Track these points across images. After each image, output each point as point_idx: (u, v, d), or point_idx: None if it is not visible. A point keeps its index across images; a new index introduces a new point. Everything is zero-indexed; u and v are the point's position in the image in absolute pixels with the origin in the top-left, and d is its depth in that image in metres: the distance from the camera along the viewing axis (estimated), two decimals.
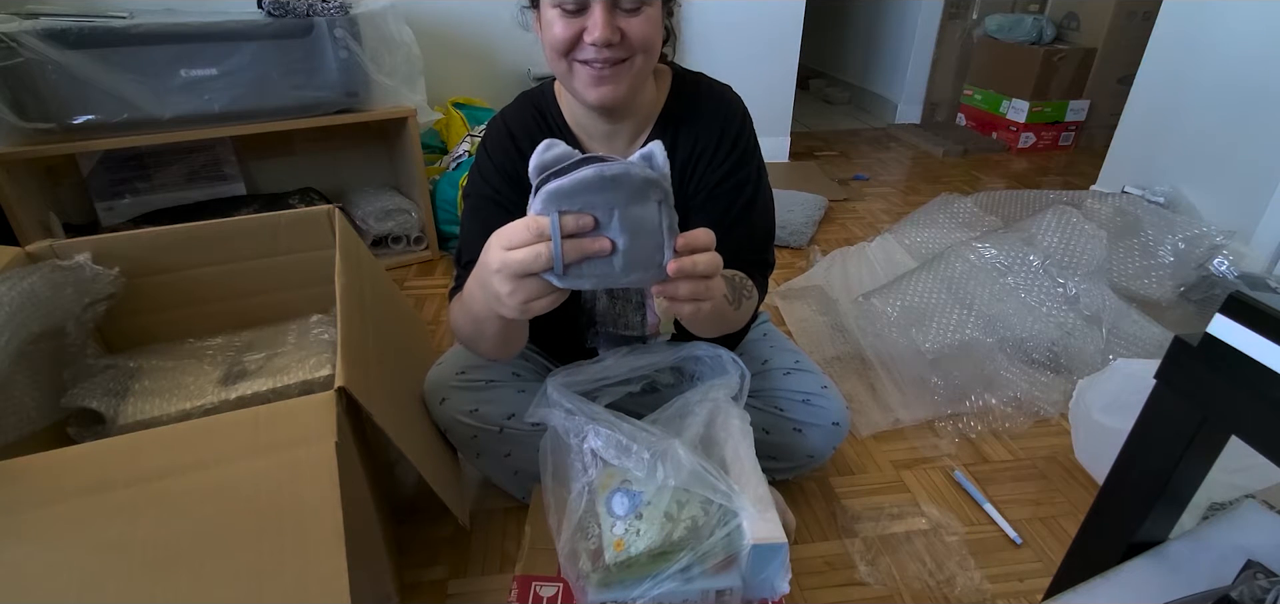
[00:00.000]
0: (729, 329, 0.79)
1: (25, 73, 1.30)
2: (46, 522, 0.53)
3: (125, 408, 0.87)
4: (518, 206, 0.76)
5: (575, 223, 0.52)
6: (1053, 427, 1.21)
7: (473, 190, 0.82)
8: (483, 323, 0.67)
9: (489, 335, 0.70)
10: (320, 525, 0.55)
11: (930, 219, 1.80)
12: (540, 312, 0.57)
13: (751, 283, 0.80)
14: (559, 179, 0.51)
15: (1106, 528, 0.59)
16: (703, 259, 0.56)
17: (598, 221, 0.52)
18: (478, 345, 0.75)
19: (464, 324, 0.73)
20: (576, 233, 0.52)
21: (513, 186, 0.78)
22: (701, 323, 0.70)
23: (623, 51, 0.69)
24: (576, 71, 0.71)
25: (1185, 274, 1.56)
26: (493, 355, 0.78)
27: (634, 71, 0.71)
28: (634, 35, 0.68)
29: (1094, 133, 2.98)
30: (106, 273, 0.92)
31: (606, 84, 0.70)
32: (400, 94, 1.65)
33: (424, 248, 1.82)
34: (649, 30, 0.69)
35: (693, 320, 0.69)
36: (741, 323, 0.82)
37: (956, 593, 0.89)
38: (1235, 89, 1.77)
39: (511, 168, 0.79)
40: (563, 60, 0.70)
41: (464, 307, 0.70)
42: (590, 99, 0.72)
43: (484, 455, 0.91)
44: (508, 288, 0.54)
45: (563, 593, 0.75)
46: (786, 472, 0.99)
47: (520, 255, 0.53)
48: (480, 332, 0.70)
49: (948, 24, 3.21)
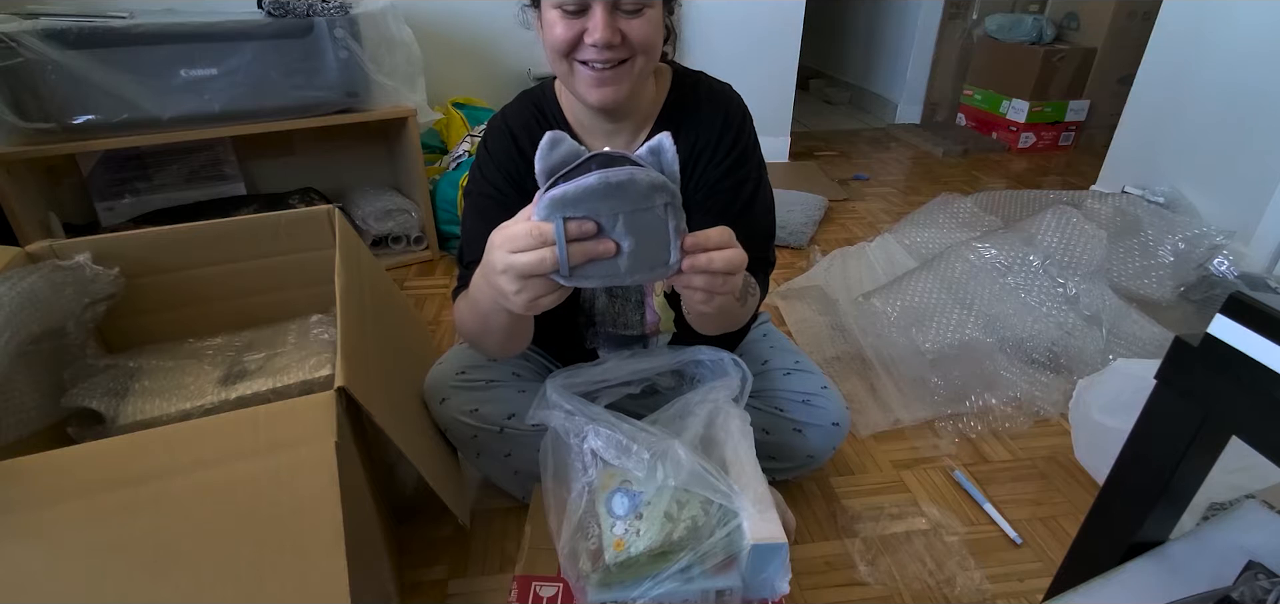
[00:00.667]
0: (733, 325, 0.79)
1: (25, 73, 1.30)
2: (46, 522, 0.53)
3: (125, 408, 0.87)
4: (520, 206, 0.76)
5: (578, 229, 0.52)
6: (1053, 427, 1.21)
7: (474, 189, 0.82)
8: (489, 318, 0.68)
9: (495, 330, 0.70)
10: (320, 525, 0.55)
11: (930, 219, 1.80)
12: (548, 307, 0.57)
13: (754, 281, 0.80)
14: (563, 185, 0.51)
15: (1107, 528, 0.59)
16: (720, 257, 0.57)
17: (601, 226, 0.52)
18: (484, 342, 0.76)
19: (470, 322, 0.73)
20: (580, 237, 0.52)
21: (514, 186, 0.79)
22: (709, 319, 0.70)
23: (623, 52, 0.69)
24: (577, 72, 0.71)
25: (1185, 274, 1.56)
26: (498, 352, 0.78)
27: (635, 72, 0.71)
28: (635, 37, 0.68)
29: (1094, 133, 2.98)
30: (106, 273, 0.92)
31: (608, 85, 0.70)
32: (400, 94, 1.65)
33: (424, 248, 1.82)
34: (649, 32, 0.69)
35: (702, 316, 0.69)
36: (745, 319, 0.82)
37: (956, 593, 0.89)
38: (1236, 89, 1.77)
39: (513, 167, 0.79)
40: (564, 61, 0.71)
41: (471, 304, 0.71)
42: (591, 100, 0.72)
43: (484, 455, 0.91)
44: (514, 287, 0.55)
45: (563, 593, 0.75)
46: (787, 472, 0.99)
47: (525, 259, 0.53)
48: (487, 327, 0.70)
49: (948, 24, 3.21)
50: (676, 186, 0.54)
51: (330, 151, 1.89)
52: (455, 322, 0.79)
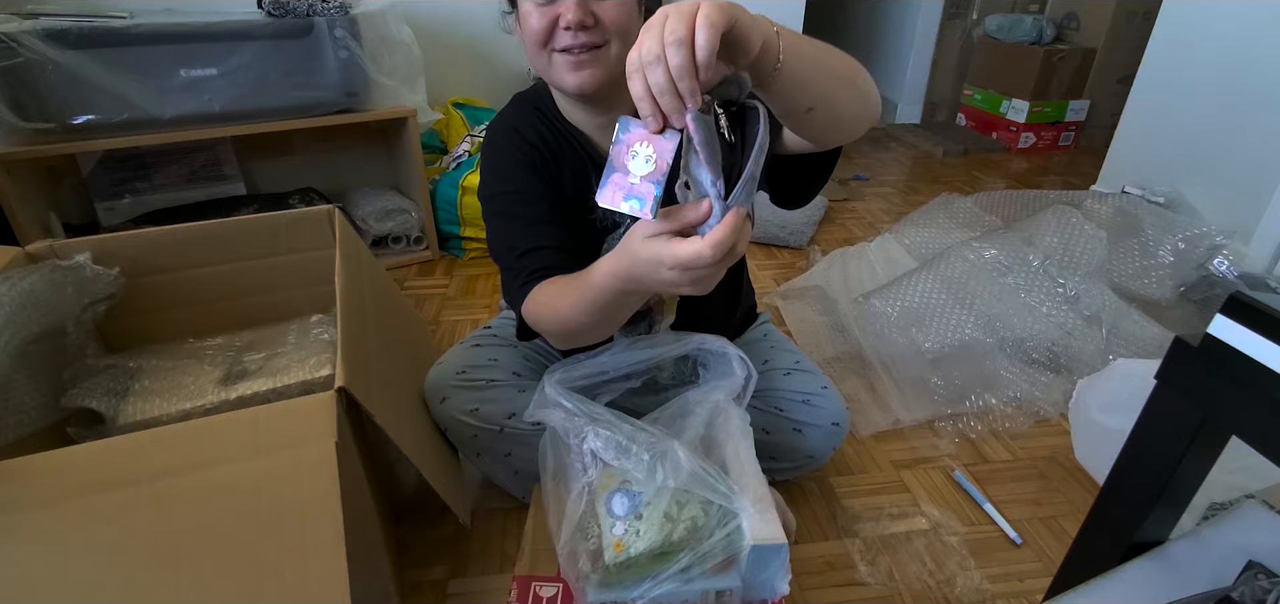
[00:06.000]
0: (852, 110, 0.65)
1: (25, 73, 1.30)
2: (46, 522, 0.53)
3: (125, 408, 0.87)
4: (545, 196, 0.77)
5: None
6: (1053, 427, 1.21)
7: (496, 190, 0.80)
8: (619, 307, 0.66)
9: (625, 312, 0.69)
10: (320, 525, 0.55)
11: (930, 219, 1.80)
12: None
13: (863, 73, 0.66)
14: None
15: (1107, 528, 0.59)
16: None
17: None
18: (597, 333, 0.72)
19: (581, 315, 0.67)
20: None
21: (534, 173, 0.78)
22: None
23: (598, 36, 0.70)
24: (555, 61, 0.72)
25: (1185, 274, 1.56)
26: (605, 335, 0.75)
27: (611, 57, 0.71)
28: (607, 18, 0.69)
29: (1094, 133, 2.98)
30: (106, 273, 0.92)
31: (584, 69, 0.71)
32: (400, 94, 1.65)
33: (424, 248, 1.82)
34: (622, 14, 0.70)
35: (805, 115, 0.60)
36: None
37: (956, 593, 0.89)
38: (1235, 89, 1.77)
39: (526, 158, 0.79)
40: (542, 52, 0.72)
41: (587, 301, 0.65)
42: (569, 85, 0.72)
43: (484, 455, 0.91)
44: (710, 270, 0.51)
45: (563, 593, 0.75)
46: (786, 472, 0.99)
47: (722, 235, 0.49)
48: (610, 319, 0.68)
49: (948, 24, 3.21)
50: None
51: (330, 151, 1.89)
52: (533, 316, 0.74)
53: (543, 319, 0.73)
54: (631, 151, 0.50)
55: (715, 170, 0.49)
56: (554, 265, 0.73)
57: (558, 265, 0.73)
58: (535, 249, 0.74)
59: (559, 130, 0.81)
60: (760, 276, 1.75)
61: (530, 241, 0.75)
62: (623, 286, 0.60)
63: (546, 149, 0.80)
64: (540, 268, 0.73)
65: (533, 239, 0.75)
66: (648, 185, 0.49)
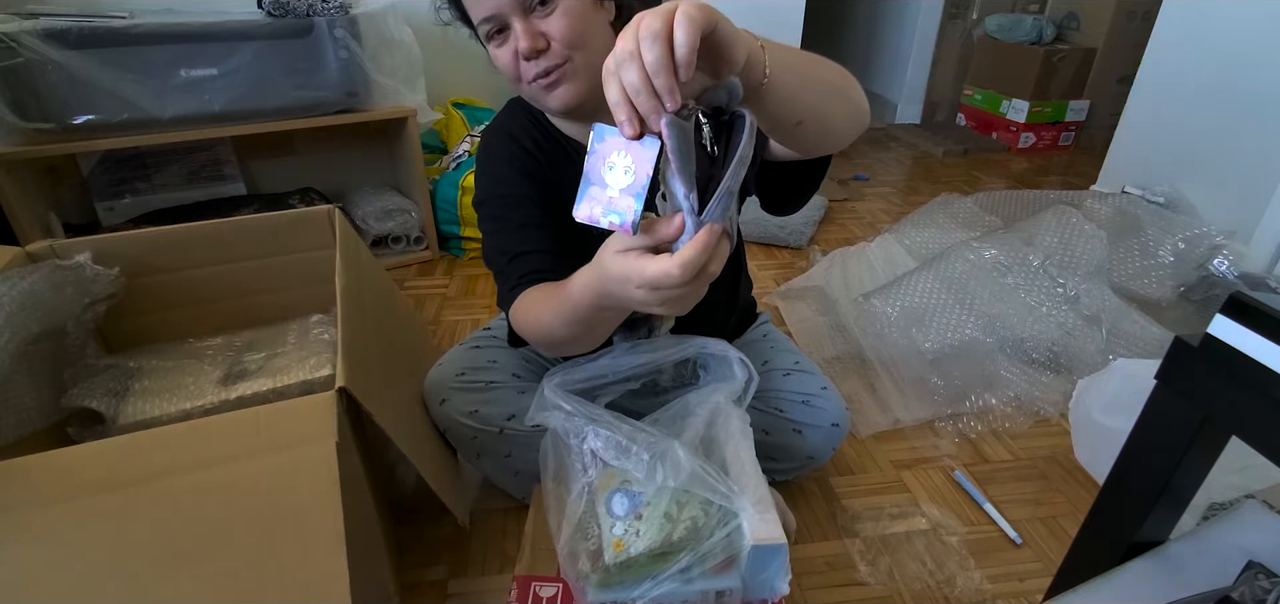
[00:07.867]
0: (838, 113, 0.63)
1: (25, 73, 1.30)
2: (46, 522, 0.53)
3: (125, 408, 0.87)
4: (537, 200, 0.77)
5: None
6: (1053, 427, 1.21)
7: (492, 194, 0.79)
8: (598, 323, 0.64)
9: (606, 327, 0.68)
10: (320, 525, 0.55)
11: (930, 219, 1.80)
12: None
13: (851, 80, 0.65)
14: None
15: (1107, 528, 0.59)
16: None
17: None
18: (580, 345, 0.71)
19: (561, 327, 0.66)
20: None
21: (527, 177, 0.78)
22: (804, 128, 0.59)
23: (556, 57, 0.69)
24: (530, 89, 0.72)
25: (1185, 274, 1.56)
26: (590, 348, 0.73)
27: (579, 68, 0.70)
28: (556, 33, 0.68)
29: (1094, 133, 2.98)
30: (106, 273, 0.92)
31: (556, 88, 0.71)
32: (400, 94, 1.65)
33: (424, 248, 1.82)
34: (570, 23, 0.68)
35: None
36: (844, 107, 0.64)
37: (956, 593, 0.89)
38: (1235, 89, 1.77)
39: (521, 163, 0.79)
40: (520, 85, 0.72)
41: (566, 312, 0.63)
42: (553, 106, 0.73)
43: (484, 456, 0.91)
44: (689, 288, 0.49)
45: (563, 593, 0.75)
46: (786, 472, 0.99)
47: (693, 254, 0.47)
48: (592, 336, 0.67)
49: (948, 24, 3.21)
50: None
51: (330, 151, 1.89)
52: (520, 323, 0.73)
53: (527, 326, 0.72)
54: (608, 163, 0.46)
55: (688, 182, 0.45)
56: (545, 269, 0.72)
57: (549, 269, 0.72)
58: (526, 253, 0.74)
59: (553, 135, 0.81)
60: (760, 277, 1.75)
61: (521, 245, 0.74)
62: (598, 301, 0.58)
63: (541, 153, 0.79)
64: (531, 272, 0.73)
65: (524, 243, 0.75)
66: (627, 198, 0.46)
